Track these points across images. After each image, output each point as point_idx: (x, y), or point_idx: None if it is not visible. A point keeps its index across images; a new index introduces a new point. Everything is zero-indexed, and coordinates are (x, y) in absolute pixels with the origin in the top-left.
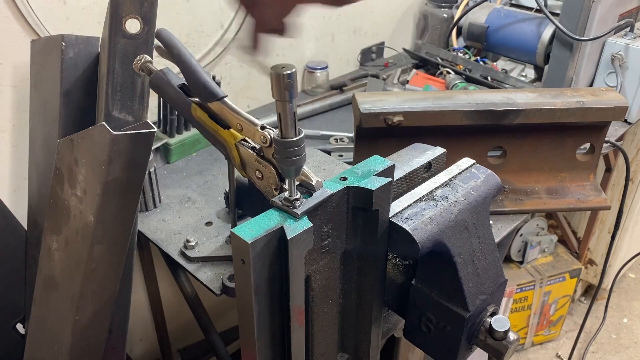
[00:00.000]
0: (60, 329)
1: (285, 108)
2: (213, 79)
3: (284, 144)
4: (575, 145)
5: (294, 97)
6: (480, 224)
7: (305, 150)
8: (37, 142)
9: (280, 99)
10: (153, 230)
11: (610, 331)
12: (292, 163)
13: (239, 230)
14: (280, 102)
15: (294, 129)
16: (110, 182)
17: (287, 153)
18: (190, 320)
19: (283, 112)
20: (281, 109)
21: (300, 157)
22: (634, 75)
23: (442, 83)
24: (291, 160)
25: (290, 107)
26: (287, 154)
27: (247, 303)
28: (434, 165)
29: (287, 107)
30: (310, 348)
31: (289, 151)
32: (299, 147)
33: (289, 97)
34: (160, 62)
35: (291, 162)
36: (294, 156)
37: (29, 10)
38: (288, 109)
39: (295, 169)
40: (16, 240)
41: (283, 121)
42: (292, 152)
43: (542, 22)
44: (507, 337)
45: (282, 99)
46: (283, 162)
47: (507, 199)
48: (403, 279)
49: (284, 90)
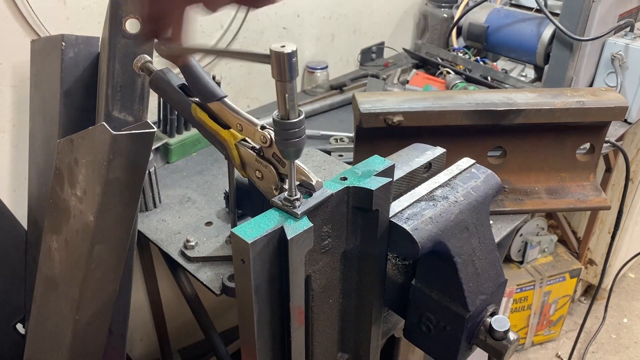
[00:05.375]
0: (60, 329)
1: (285, 88)
2: (213, 79)
3: (284, 125)
4: (575, 145)
5: (294, 77)
6: (480, 224)
7: (306, 132)
8: (37, 142)
9: (280, 79)
10: (153, 230)
11: (610, 331)
12: (292, 145)
13: (239, 230)
14: (280, 82)
15: (294, 110)
16: (110, 182)
17: (287, 135)
18: (190, 320)
19: (282, 92)
20: (280, 89)
21: (301, 139)
22: (634, 75)
23: (442, 83)
24: (291, 142)
25: (290, 88)
26: (287, 136)
27: (247, 303)
28: (434, 165)
29: (287, 87)
30: (310, 348)
31: (289, 133)
32: (299, 128)
33: (289, 77)
34: (160, 62)
35: (291, 144)
36: (294, 138)
37: (29, 10)
38: (288, 89)
39: (295, 150)
40: (16, 240)
41: (282, 102)
42: (292, 133)
43: (542, 22)
44: (507, 337)
45: (282, 79)
46: (282, 143)
47: (507, 199)
48: (403, 279)
49: (284, 70)
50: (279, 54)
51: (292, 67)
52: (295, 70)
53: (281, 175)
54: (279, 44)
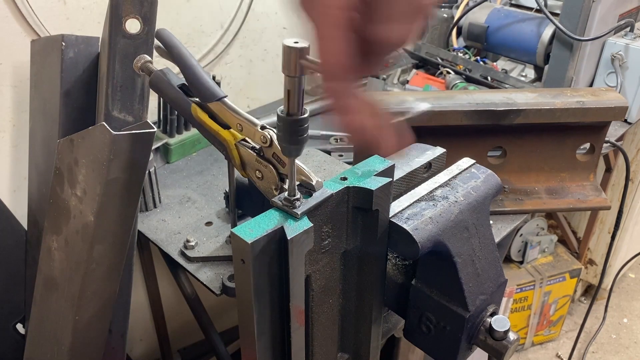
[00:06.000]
0: (60, 329)
1: (294, 84)
2: (213, 79)
3: (289, 122)
4: (575, 145)
5: (304, 73)
6: (480, 224)
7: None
8: (37, 142)
9: (290, 74)
10: (153, 230)
11: (610, 331)
12: (295, 142)
13: (239, 230)
14: (289, 77)
15: (301, 107)
16: (110, 182)
17: (291, 131)
18: (190, 320)
19: (291, 88)
20: (289, 85)
21: (304, 137)
22: (634, 75)
23: (442, 83)
24: (294, 140)
25: (299, 84)
26: (291, 133)
27: (247, 303)
28: (434, 165)
29: (295, 83)
30: (310, 348)
31: (292, 130)
32: (304, 126)
33: (299, 73)
34: (160, 62)
35: (294, 142)
36: (297, 135)
37: (29, 10)
38: (297, 85)
39: (296, 148)
40: (16, 240)
41: (290, 98)
42: (297, 130)
43: (542, 22)
44: (507, 337)
45: (291, 75)
46: (285, 140)
47: (507, 199)
48: (403, 279)
49: (295, 65)
50: (290, 49)
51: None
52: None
53: (281, 175)
54: (292, 39)
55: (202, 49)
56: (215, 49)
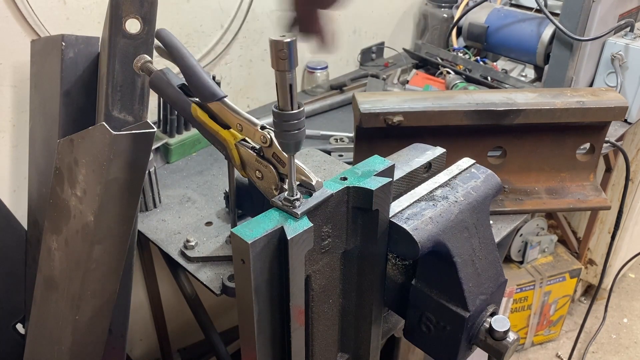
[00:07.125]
0: (60, 329)
1: (284, 79)
2: (213, 79)
3: (282, 116)
4: (575, 145)
5: (292, 67)
6: (480, 224)
7: (305, 124)
8: (37, 142)
9: (279, 69)
10: (153, 230)
11: (610, 331)
12: (292, 137)
13: (239, 230)
14: (278, 72)
15: (292, 102)
16: (110, 182)
17: (287, 126)
18: (190, 320)
19: (281, 82)
20: (279, 80)
21: (300, 131)
22: (634, 75)
23: (442, 83)
24: (290, 134)
25: (288, 78)
26: (287, 127)
27: (247, 303)
28: (434, 165)
29: (285, 77)
30: (310, 348)
31: (287, 124)
32: (298, 120)
33: (288, 67)
34: (160, 62)
35: (289, 137)
36: (293, 129)
37: (29, 10)
38: (286, 80)
39: (294, 143)
40: (16, 240)
41: (282, 92)
42: (292, 125)
43: (542, 22)
44: (507, 337)
45: (280, 69)
46: (282, 136)
47: (507, 199)
48: (403, 279)
49: (282, 59)
50: (277, 43)
51: (292, 57)
52: (294, 60)
53: (281, 175)
54: (279, 34)
55: (202, 49)
56: (215, 49)
